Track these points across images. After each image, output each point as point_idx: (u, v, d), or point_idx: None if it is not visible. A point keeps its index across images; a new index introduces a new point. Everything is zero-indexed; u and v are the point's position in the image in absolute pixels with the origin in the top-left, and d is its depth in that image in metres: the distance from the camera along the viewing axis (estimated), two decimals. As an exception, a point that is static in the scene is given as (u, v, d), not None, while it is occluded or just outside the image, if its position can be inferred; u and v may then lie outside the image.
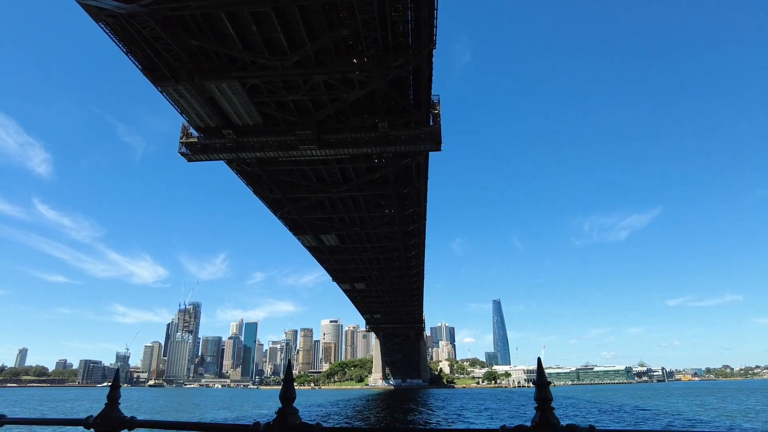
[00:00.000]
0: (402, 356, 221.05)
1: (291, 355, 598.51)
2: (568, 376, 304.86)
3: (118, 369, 6.71)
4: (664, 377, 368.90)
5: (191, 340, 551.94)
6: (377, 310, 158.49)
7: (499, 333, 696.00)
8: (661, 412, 63.41)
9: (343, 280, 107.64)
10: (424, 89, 38.42)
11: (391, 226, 69.93)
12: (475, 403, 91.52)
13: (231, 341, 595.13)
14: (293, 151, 43.01)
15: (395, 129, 41.78)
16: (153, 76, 34.89)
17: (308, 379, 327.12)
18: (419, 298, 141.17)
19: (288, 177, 53.38)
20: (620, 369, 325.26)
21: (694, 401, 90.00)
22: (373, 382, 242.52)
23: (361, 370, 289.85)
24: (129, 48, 32.89)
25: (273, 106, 40.30)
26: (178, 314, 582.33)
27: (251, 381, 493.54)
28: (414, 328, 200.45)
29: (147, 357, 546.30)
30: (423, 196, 60.86)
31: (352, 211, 65.00)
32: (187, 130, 43.61)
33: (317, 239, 74.94)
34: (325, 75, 35.30)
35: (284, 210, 62.82)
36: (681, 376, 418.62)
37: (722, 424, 48.18)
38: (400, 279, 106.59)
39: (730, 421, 52.15)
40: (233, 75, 34.35)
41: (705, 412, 63.84)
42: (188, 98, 37.10)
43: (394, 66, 33.89)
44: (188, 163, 44.39)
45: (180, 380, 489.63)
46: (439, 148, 42.62)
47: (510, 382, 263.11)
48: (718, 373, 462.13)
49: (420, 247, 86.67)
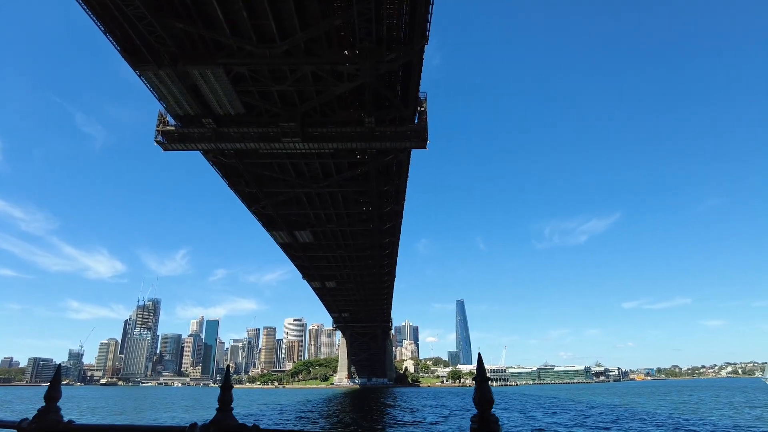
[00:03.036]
0: (368, 355, 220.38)
1: (253, 353, 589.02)
2: (529, 375, 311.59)
3: (59, 365, 6.06)
4: (620, 377, 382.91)
5: (150, 337, 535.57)
6: (346, 309, 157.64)
7: (461, 333, 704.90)
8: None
9: (313, 277, 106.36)
10: (413, 86, 38.01)
11: (367, 224, 69.36)
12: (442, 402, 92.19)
13: (191, 339, 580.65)
14: (275, 144, 41.87)
15: (382, 125, 41.24)
16: (133, 60, 33.12)
17: (272, 378, 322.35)
18: (389, 297, 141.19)
19: (267, 171, 51.98)
20: (579, 369, 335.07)
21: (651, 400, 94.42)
22: (338, 381, 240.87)
23: (326, 369, 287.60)
24: (108, 28, 31.06)
25: (257, 95, 39.00)
26: (136, 310, 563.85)
27: (212, 379, 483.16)
28: (381, 327, 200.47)
29: (102, 354, 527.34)
30: (402, 194, 60.60)
31: (329, 207, 64.08)
32: (164, 117, 41.75)
33: (291, 236, 73.56)
34: (314, 65, 34.39)
35: (259, 205, 61.29)
36: (635, 375, 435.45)
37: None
38: (372, 277, 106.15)
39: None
40: (219, 62, 33.00)
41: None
42: (168, 84, 35.44)
43: (385, 60, 33.31)
44: (164, 152, 42.58)
45: (137, 378, 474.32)
46: (424, 145, 42.36)
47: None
48: (668, 373, 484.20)
49: (394, 246, 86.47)
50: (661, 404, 79.26)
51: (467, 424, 3.02)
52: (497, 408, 45.87)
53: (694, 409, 66.43)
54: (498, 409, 69.41)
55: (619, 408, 71.02)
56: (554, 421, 50.65)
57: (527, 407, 74.49)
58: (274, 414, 64.21)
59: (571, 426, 45.42)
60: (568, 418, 55.24)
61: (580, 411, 64.99)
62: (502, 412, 64.43)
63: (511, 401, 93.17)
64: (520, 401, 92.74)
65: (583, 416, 56.34)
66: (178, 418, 60.29)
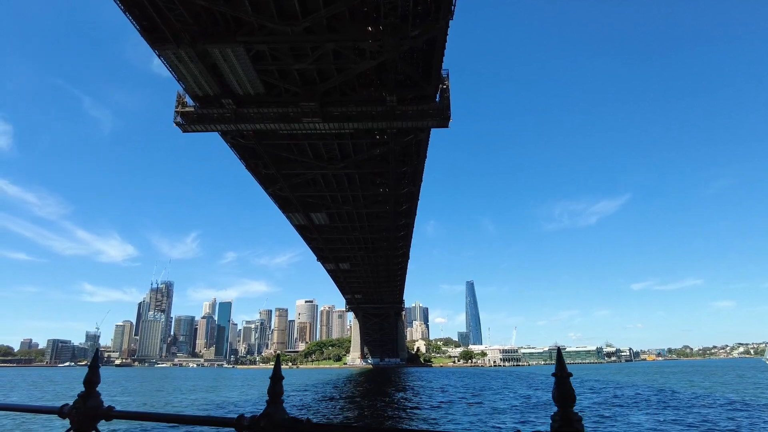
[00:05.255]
0: (380, 336, 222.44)
1: (266, 334, 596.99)
2: (540, 356, 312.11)
3: (97, 349, 5.74)
4: (631, 357, 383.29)
5: (163, 319, 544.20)
6: (359, 290, 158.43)
7: (471, 313, 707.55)
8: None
9: (328, 259, 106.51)
10: (436, 62, 36.97)
11: (383, 206, 68.86)
12: (464, 382, 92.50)
13: (204, 321, 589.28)
14: (295, 124, 41.28)
15: (403, 103, 40.37)
16: (152, 38, 32.47)
17: (285, 359, 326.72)
18: (402, 279, 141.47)
19: (285, 152, 51.42)
20: (591, 349, 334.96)
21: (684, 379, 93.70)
22: (351, 361, 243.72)
23: (339, 350, 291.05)
24: (127, 6, 30.42)
25: (276, 74, 38.26)
26: (149, 293, 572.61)
27: (225, 360, 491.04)
28: (393, 308, 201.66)
29: (118, 336, 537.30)
30: (419, 175, 59.79)
31: (345, 189, 63.60)
32: (182, 98, 41.26)
33: (307, 217, 73.37)
34: (336, 43, 33.52)
35: (276, 186, 60.94)
36: (646, 356, 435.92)
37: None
38: (386, 259, 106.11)
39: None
40: (239, 40, 32.24)
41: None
42: (188, 63, 34.79)
43: (410, 36, 32.37)
44: (183, 133, 42.22)
45: (152, 360, 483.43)
46: (446, 124, 41.50)
47: (486, 362, 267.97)
48: (680, 353, 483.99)
49: (409, 228, 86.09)
50: (693, 384, 78.07)
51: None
52: (528, 386, 45.78)
53: (734, 390, 64.93)
54: (531, 389, 68.06)
55: (650, 388, 69.89)
56: (597, 402, 49.59)
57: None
58: (299, 394, 64.14)
59: (630, 407, 44.68)
60: (608, 397, 54.83)
61: (615, 391, 64.50)
62: (534, 391, 63.89)
63: (540, 382, 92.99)
64: (547, 382, 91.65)
65: (622, 397, 55.38)
66: (208, 399, 60.62)
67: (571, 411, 2.57)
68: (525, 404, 48.42)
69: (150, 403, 58.04)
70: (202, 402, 56.80)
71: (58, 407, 3.52)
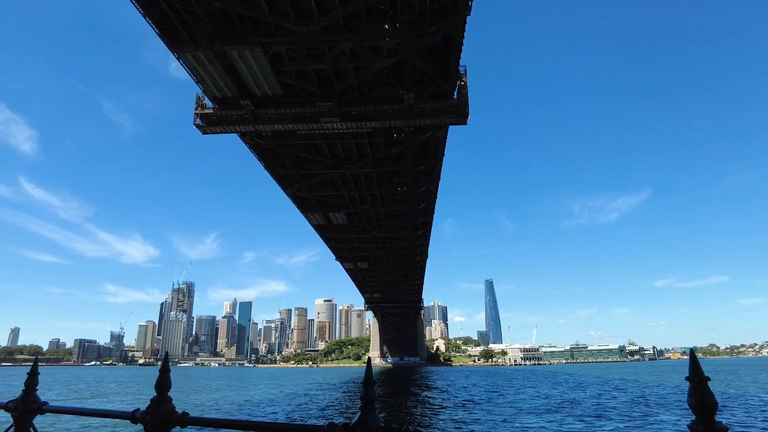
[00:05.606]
0: (399, 335, 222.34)
1: (286, 333, 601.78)
2: (561, 354, 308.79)
3: (167, 353, 5.22)
4: (655, 356, 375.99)
5: (185, 319, 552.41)
6: (377, 290, 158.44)
7: (491, 312, 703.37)
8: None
9: (346, 259, 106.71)
10: (454, 59, 36.64)
11: (401, 204, 68.68)
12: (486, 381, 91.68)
13: (225, 320, 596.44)
14: (313, 124, 41.33)
15: (420, 101, 40.11)
16: (170, 41, 32.82)
17: (305, 357, 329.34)
18: (420, 277, 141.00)
19: (303, 152, 51.59)
20: (614, 347, 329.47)
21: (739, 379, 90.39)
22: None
23: (358, 348, 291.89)
24: (147, 11, 30.82)
25: (294, 75, 38.39)
26: (171, 293, 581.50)
27: (246, 359, 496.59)
28: (412, 307, 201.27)
29: (141, 336, 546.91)
30: (437, 173, 59.44)
31: (363, 188, 63.55)
32: (201, 100, 41.67)
33: (325, 217, 73.61)
34: (353, 42, 33.40)
35: (295, 187, 61.22)
36: (670, 354, 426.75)
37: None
38: (404, 258, 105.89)
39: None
40: (257, 41, 32.37)
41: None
42: (206, 65, 35.09)
43: (427, 33, 32.10)
44: (203, 135, 42.58)
45: (175, 359, 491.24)
46: (465, 121, 41.09)
47: (506, 361, 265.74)
48: (706, 352, 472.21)
49: (427, 227, 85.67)
50: (743, 384, 74.16)
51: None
52: (572, 388, 44.16)
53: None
54: (576, 391, 64.34)
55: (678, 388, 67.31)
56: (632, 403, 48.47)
57: (603, 391, 64.89)
58: (337, 395, 62.40)
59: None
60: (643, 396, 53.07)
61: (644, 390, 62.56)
62: (576, 393, 60.89)
63: (562, 380, 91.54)
64: (577, 382, 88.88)
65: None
66: (255, 399, 59.19)
67: (713, 420, 2.33)
68: (549, 403, 47.69)
69: (209, 405, 53.05)
70: (251, 403, 53.74)
71: (129, 412, 3.46)
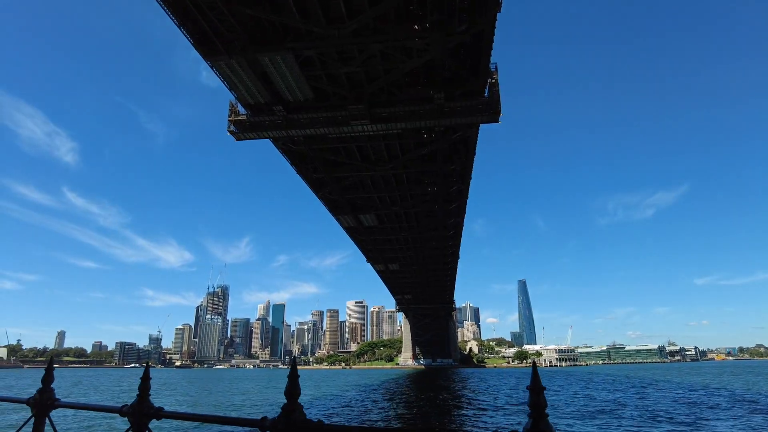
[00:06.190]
0: (431, 336, 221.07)
1: (318, 335, 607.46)
2: (598, 355, 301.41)
3: (294, 358, 4.87)
4: (698, 356, 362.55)
5: (220, 322, 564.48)
6: (409, 291, 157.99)
7: (524, 313, 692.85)
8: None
9: (377, 260, 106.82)
10: (484, 57, 36.20)
11: (431, 205, 68.30)
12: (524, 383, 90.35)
13: (259, 323, 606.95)
14: (344, 127, 41.54)
15: (450, 100, 39.79)
16: (204, 50, 33.56)
17: (338, 359, 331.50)
18: (452, 278, 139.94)
19: (333, 155, 51.97)
20: (653, 348, 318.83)
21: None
22: (403, 361, 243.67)
23: (390, 350, 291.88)
24: (181, 21, 31.60)
25: (324, 79, 38.65)
26: (206, 297, 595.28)
27: (280, 361, 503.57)
28: (444, 309, 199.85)
29: (178, 339, 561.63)
30: (468, 172, 58.85)
31: (393, 189, 63.45)
32: (234, 107, 42.45)
33: (356, 219, 73.90)
34: (382, 44, 33.39)
35: (326, 190, 61.77)
36: (714, 355, 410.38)
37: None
38: (434, 259, 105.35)
39: None
40: (288, 46, 32.75)
41: None
42: (239, 73, 35.70)
43: (457, 32, 31.81)
44: (236, 141, 43.34)
45: (211, 361, 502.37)
46: (497, 119, 40.50)
47: (541, 362, 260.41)
48: (753, 353, 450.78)
49: (458, 227, 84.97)
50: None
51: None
52: (591, 387, 43.01)
53: None
54: (598, 390, 61.31)
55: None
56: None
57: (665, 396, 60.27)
58: (383, 402, 58.07)
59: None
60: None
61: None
62: (602, 392, 60.10)
63: (600, 380, 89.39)
64: (624, 384, 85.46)
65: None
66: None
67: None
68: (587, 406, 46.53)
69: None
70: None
71: (258, 419, 3.22)
